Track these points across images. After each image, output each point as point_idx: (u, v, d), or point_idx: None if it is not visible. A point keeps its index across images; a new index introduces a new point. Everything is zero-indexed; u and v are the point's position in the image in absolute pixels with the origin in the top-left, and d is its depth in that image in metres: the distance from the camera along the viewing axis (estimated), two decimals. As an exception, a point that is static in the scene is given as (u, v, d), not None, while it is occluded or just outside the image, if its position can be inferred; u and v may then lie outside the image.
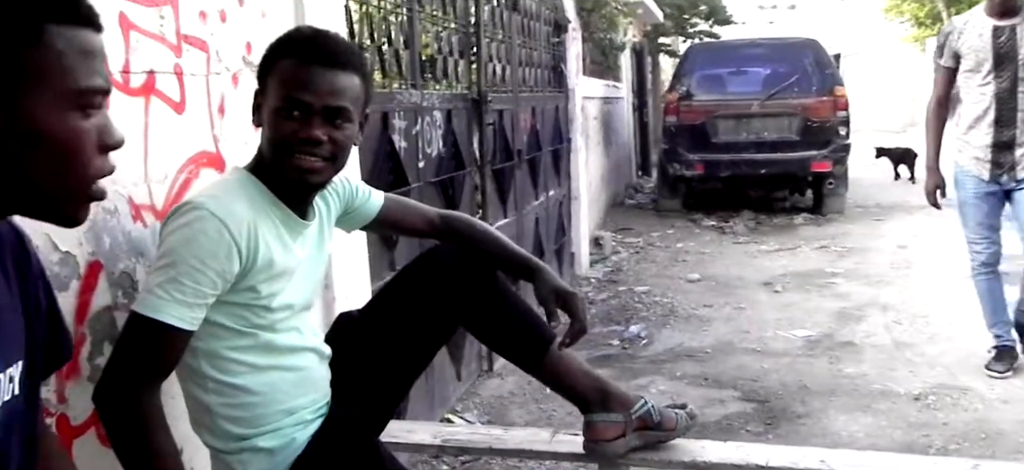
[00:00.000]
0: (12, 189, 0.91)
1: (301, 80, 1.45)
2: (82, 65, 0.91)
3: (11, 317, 1.00)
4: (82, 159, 0.92)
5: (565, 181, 6.09)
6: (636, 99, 12.18)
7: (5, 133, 0.87)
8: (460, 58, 3.91)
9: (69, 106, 0.91)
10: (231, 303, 1.47)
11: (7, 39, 0.87)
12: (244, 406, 1.52)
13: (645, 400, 1.88)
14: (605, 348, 4.62)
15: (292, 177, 1.48)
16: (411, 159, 3.21)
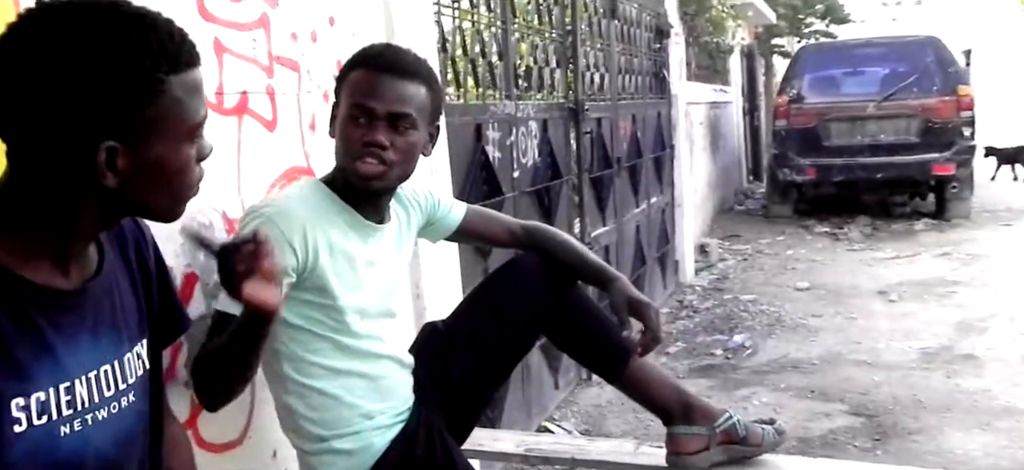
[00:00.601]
0: (129, 208, 1.05)
1: (368, 88, 1.53)
2: (194, 103, 1.02)
3: (132, 300, 1.14)
4: (189, 178, 1.05)
5: (668, 188, 6.02)
6: (747, 103, 11.89)
7: (133, 172, 0.98)
8: (557, 67, 3.93)
9: (185, 141, 1.02)
10: (307, 304, 1.54)
11: (135, 96, 0.95)
12: (322, 408, 1.58)
13: (730, 413, 1.84)
14: (707, 358, 4.53)
15: (356, 182, 1.55)
16: (505, 169, 3.24)
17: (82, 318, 1.04)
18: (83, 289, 1.04)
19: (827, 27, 16.43)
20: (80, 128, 0.94)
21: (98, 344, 1.05)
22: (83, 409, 1.02)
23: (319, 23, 1.99)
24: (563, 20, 3.98)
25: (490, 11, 3.21)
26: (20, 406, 0.95)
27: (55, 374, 0.99)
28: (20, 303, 0.96)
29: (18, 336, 0.95)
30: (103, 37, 0.93)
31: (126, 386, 1.09)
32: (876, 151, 8.23)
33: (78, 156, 0.95)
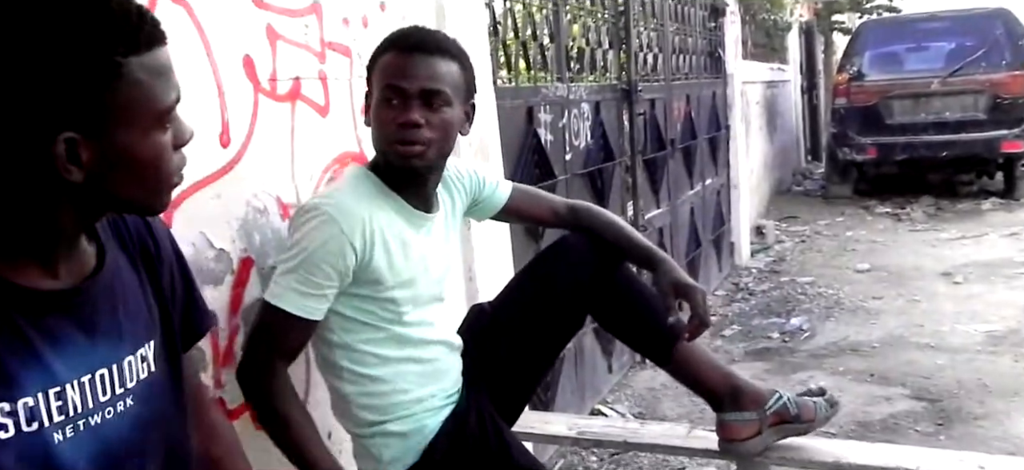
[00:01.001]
0: (100, 204, 0.98)
1: (399, 68, 1.53)
2: (161, 86, 0.94)
3: (139, 301, 1.08)
4: (165, 167, 0.98)
5: (723, 169, 5.93)
6: (805, 81, 11.63)
7: (99, 164, 0.91)
8: (609, 49, 3.89)
9: (154, 127, 0.95)
10: (359, 296, 1.55)
11: (90, 82, 0.88)
12: (376, 394, 1.60)
13: (780, 393, 1.81)
14: (764, 341, 4.47)
15: (396, 164, 1.55)
16: (557, 152, 3.23)
17: (75, 320, 0.98)
18: (76, 289, 0.99)
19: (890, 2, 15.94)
20: (33, 119, 0.87)
21: (94, 347, 1.00)
22: (76, 414, 0.97)
23: (370, 8, 2.01)
24: (615, 0, 3.94)
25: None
26: (5, 411, 0.90)
27: (44, 380, 0.94)
28: (4, 307, 0.91)
29: (3, 342, 0.91)
30: (52, 18, 0.87)
31: (124, 390, 1.03)
32: (941, 129, 7.98)
33: (36, 151, 0.88)
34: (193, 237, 1.49)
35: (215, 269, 1.55)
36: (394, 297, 1.57)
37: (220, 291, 1.56)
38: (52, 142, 0.88)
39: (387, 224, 1.56)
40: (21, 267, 0.94)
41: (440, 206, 1.69)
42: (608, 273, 1.82)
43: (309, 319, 1.49)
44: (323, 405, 1.79)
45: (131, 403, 1.04)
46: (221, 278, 1.57)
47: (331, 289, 1.50)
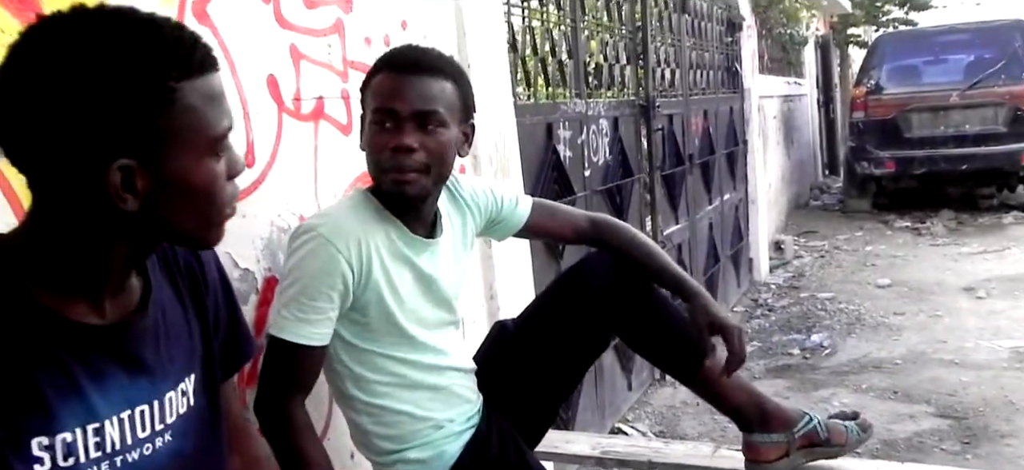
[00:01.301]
0: (154, 235, 0.96)
1: (391, 90, 1.46)
2: (213, 112, 0.93)
3: (182, 335, 1.07)
4: (219, 197, 0.96)
5: (741, 184, 5.91)
6: (821, 95, 11.59)
7: (152, 191, 0.90)
8: (627, 65, 3.89)
9: (207, 154, 0.93)
10: (363, 324, 1.51)
11: (144, 107, 0.87)
12: (392, 424, 1.57)
13: (809, 416, 1.78)
14: (784, 357, 4.43)
15: (390, 191, 1.49)
16: (576, 168, 3.22)
17: (118, 357, 0.97)
18: (121, 324, 0.98)
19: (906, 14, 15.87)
20: (89, 146, 0.86)
21: (135, 383, 0.99)
22: (114, 451, 0.96)
23: (392, 27, 2.01)
24: (633, 16, 3.94)
25: (559, 9, 3.20)
26: (43, 445, 0.90)
27: (84, 415, 0.93)
28: (49, 340, 0.91)
29: (45, 374, 0.90)
30: (106, 45, 0.86)
31: (163, 426, 1.02)
32: (961, 142, 7.93)
33: (91, 178, 0.87)
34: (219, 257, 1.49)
35: (240, 289, 1.54)
36: (400, 323, 1.53)
37: (245, 311, 1.55)
38: (106, 170, 0.87)
39: (386, 246, 1.51)
40: (68, 299, 0.93)
41: (445, 229, 1.63)
42: (633, 291, 1.78)
43: (316, 346, 1.45)
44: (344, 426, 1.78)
45: (169, 439, 1.03)
46: (246, 298, 1.56)
47: (333, 311, 1.46)
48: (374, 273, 1.48)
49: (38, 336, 0.90)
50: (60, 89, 0.84)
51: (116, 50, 0.86)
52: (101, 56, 0.85)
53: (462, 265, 1.69)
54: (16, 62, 0.86)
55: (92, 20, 0.88)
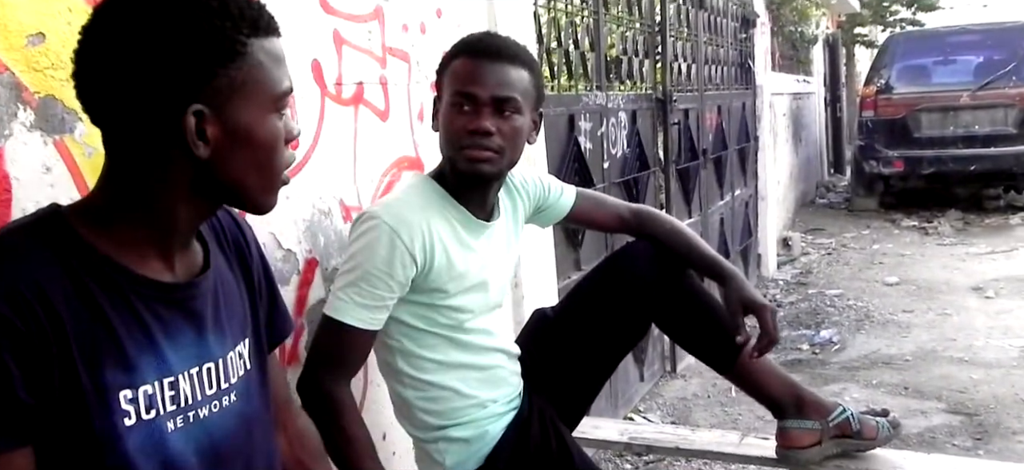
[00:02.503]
0: (217, 190, 1.01)
1: (470, 74, 1.52)
2: (277, 71, 1.00)
3: (235, 300, 1.12)
4: (278, 156, 1.02)
5: (751, 180, 5.92)
6: (829, 93, 11.60)
7: (221, 140, 0.96)
8: (645, 58, 3.91)
9: (270, 109, 1.00)
10: (419, 303, 1.55)
11: (216, 57, 0.94)
12: (437, 400, 1.60)
13: (843, 407, 1.81)
14: (794, 353, 4.45)
15: (464, 170, 1.53)
16: (596, 160, 3.24)
17: (187, 314, 1.03)
18: (189, 284, 1.04)
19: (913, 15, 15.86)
20: (166, 92, 0.92)
21: (202, 341, 1.04)
22: (186, 406, 1.01)
23: (428, 15, 2.03)
24: (652, 10, 3.96)
25: (583, 2, 3.21)
26: (128, 398, 0.94)
27: (160, 368, 0.98)
28: (127, 295, 0.96)
29: (125, 329, 0.95)
30: (183, 3, 0.93)
31: (228, 385, 1.07)
32: (970, 142, 7.94)
33: (166, 124, 0.93)
34: (263, 238, 1.51)
35: (282, 269, 1.57)
36: (455, 304, 1.57)
37: (286, 291, 1.58)
38: (183, 114, 0.93)
39: (447, 232, 1.55)
40: (142, 257, 0.98)
41: (502, 213, 1.68)
42: (672, 280, 1.81)
43: (371, 330, 1.49)
44: (378, 405, 1.81)
45: (234, 399, 1.07)
46: (288, 278, 1.59)
47: (391, 299, 1.49)
48: (436, 259, 1.51)
49: (115, 291, 0.95)
50: (143, 40, 0.91)
51: (191, 5, 0.93)
52: (181, 11, 0.93)
53: (513, 250, 1.73)
54: (103, 15, 0.94)
55: None
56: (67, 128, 1.14)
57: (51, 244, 0.92)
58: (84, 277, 0.93)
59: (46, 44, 1.11)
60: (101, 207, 0.98)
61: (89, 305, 0.92)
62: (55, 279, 0.90)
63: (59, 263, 0.92)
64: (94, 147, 1.18)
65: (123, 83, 0.93)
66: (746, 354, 1.76)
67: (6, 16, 1.06)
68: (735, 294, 1.74)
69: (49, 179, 1.12)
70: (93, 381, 0.92)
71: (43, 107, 1.11)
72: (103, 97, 0.95)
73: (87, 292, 0.92)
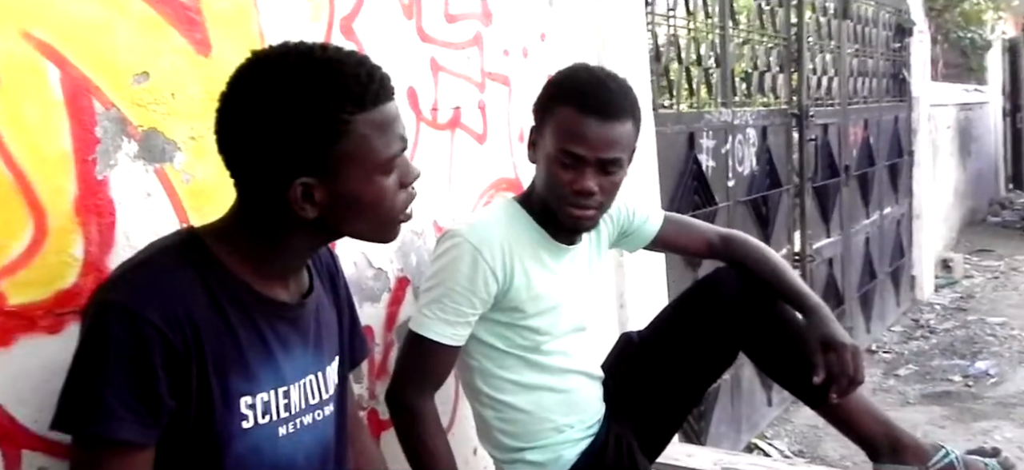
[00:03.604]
0: (334, 234, 1.14)
1: (577, 133, 1.48)
2: (383, 140, 1.06)
3: (329, 321, 1.23)
4: (389, 205, 1.10)
5: (904, 197, 5.59)
6: (1008, 103, 10.73)
7: (329, 203, 1.06)
8: (779, 72, 3.79)
9: (376, 173, 1.07)
10: (498, 323, 1.59)
11: (320, 137, 1.02)
12: (514, 421, 1.63)
13: (946, 450, 1.70)
14: (944, 383, 4.17)
15: (566, 225, 1.56)
16: (719, 178, 3.18)
17: (299, 330, 1.14)
18: (301, 304, 1.15)
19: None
20: (276, 166, 1.03)
21: (309, 356, 1.15)
22: (295, 413, 1.12)
23: (530, 39, 2.07)
24: (788, 22, 3.83)
25: (708, 17, 3.16)
26: (247, 404, 1.06)
27: (276, 378, 1.09)
28: (251, 312, 1.08)
29: (248, 342, 1.06)
30: (293, 83, 1.01)
31: (327, 396, 1.18)
32: None
33: (278, 190, 1.04)
34: (355, 257, 1.60)
35: (373, 287, 1.65)
36: (533, 325, 1.59)
37: (377, 308, 1.67)
38: (289, 187, 1.03)
39: (528, 253, 1.57)
40: (264, 278, 1.10)
41: (583, 237, 1.69)
42: (762, 310, 1.76)
43: (454, 345, 1.53)
44: (469, 420, 1.86)
45: (330, 410, 1.19)
46: (378, 296, 1.67)
47: (473, 315, 1.54)
48: (516, 279, 1.55)
49: (242, 307, 1.07)
50: (256, 117, 1.02)
51: (300, 88, 1.02)
52: (288, 93, 1.02)
53: (595, 273, 1.74)
54: (231, 90, 1.05)
55: (286, 60, 1.04)
56: (167, 157, 1.26)
57: (195, 265, 1.05)
58: (219, 295, 1.05)
59: (150, 82, 1.23)
60: (231, 231, 1.09)
61: (222, 319, 1.04)
62: (199, 299, 1.03)
63: (201, 283, 1.04)
64: (191, 174, 1.29)
65: (241, 150, 1.05)
66: (828, 395, 1.68)
67: (115, 58, 1.19)
68: (816, 330, 1.66)
69: (149, 204, 1.24)
70: (221, 387, 1.03)
71: (145, 139, 1.23)
72: (228, 156, 1.07)
73: (221, 308, 1.05)
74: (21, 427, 1.10)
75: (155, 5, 1.24)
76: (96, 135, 1.16)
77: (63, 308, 1.13)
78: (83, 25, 1.15)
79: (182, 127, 1.28)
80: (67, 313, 1.14)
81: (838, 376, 1.64)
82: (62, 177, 1.13)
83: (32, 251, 1.10)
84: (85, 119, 1.15)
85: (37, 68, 1.10)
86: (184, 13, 1.28)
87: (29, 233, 1.09)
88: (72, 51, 1.13)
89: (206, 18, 1.31)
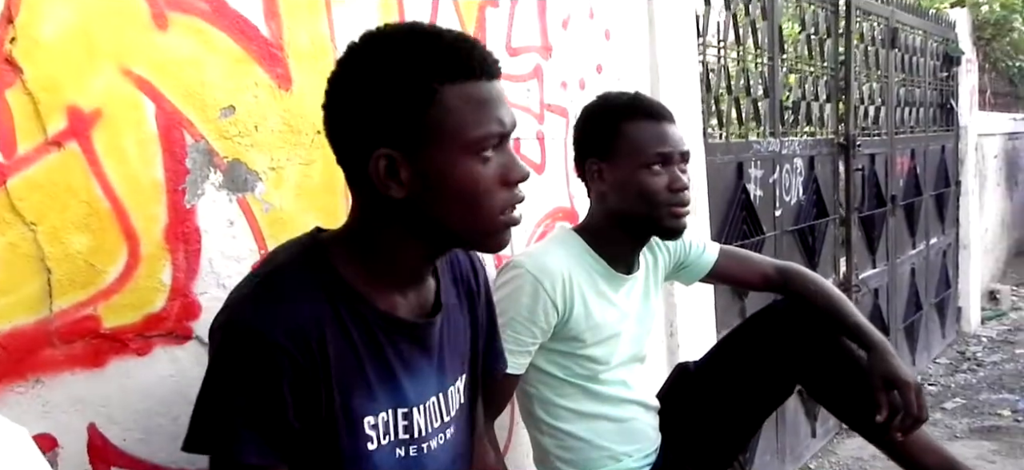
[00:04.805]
0: (430, 229, 1.04)
1: (660, 135, 1.58)
2: (474, 117, 1.00)
3: (460, 336, 1.19)
4: (483, 197, 1.01)
5: (951, 228, 5.52)
6: (1056, 131, 10.55)
7: (415, 182, 0.99)
8: (827, 102, 3.78)
9: (466, 154, 1.00)
10: (557, 352, 1.61)
11: (410, 103, 0.97)
12: (572, 449, 1.66)
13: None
14: (992, 418, 4.10)
15: (672, 226, 1.60)
16: (767, 208, 3.18)
17: (423, 349, 1.09)
18: (426, 322, 1.10)
19: None
20: (360, 136, 0.99)
21: (433, 376, 1.11)
22: (419, 437, 1.09)
23: (587, 71, 2.11)
24: (836, 52, 3.83)
25: (757, 47, 3.18)
26: (371, 424, 1.04)
27: (396, 398, 1.06)
28: (373, 330, 1.03)
29: (370, 361, 1.03)
30: (389, 50, 0.99)
31: (450, 418, 1.14)
32: None
33: (364, 166, 0.99)
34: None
35: (436, 314, 1.69)
36: (592, 354, 1.62)
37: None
38: (369, 158, 0.99)
39: (587, 283, 1.60)
40: (382, 292, 1.06)
41: (641, 267, 1.72)
42: (819, 341, 1.78)
43: (514, 374, 1.56)
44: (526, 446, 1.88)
45: (452, 432, 1.16)
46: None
47: (533, 345, 1.56)
48: (575, 309, 1.57)
49: (364, 325, 1.03)
50: (346, 84, 1.00)
51: (394, 56, 0.99)
52: (382, 61, 0.99)
53: (651, 304, 1.76)
54: (336, 67, 1.04)
55: (387, 34, 1.03)
56: (249, 187, 1.31)
57: (320, 282, 1.01)
58: (343, 313, 1.02)
59: (235, 115, 1.28)
60: (348, 237, 1.06)
61: (346, 338, 1.02)
62: (326, 317, 1.00)
63: (327, 301, 1.00)
64: (270, 203, 1.34)
65: (334, 124, 1.03)
66: (891, 432, 1.68)
67: (204, 93, 1.24)
68: (879, 366, 1.67)
69: (232, 231, 1.29)
70: (344, 408, 1.02)
71: (230, 170, 1.28)
72: (331, 141, 1.04)
73: (345, 327, 1.02)
74: (112, 446, 1.15)
75: (242, 42, 1.29)
76: (186, 166, 1.22)
77: (151, 332, 1.18)
78: (177, 61, 1.20)
79: (263, 158, 1.33)
80: (155, 336, 1.19)
81: (903, 415, 1.65)
82: (154, 206, 1.18)
83: (125, 276, 1.15)
84: (177, 151, 1.20)
85: (135, 102, 1.16)
86: (267, 49, 1.33)
87: (124, 259, 1.15)
88: (167, 86, 1.19)
89: (288, 54, 1.36)
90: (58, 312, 1.08)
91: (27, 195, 1.04)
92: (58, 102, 1.07)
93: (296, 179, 1.37)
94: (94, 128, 1.11)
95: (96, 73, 1.11)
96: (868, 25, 4.17)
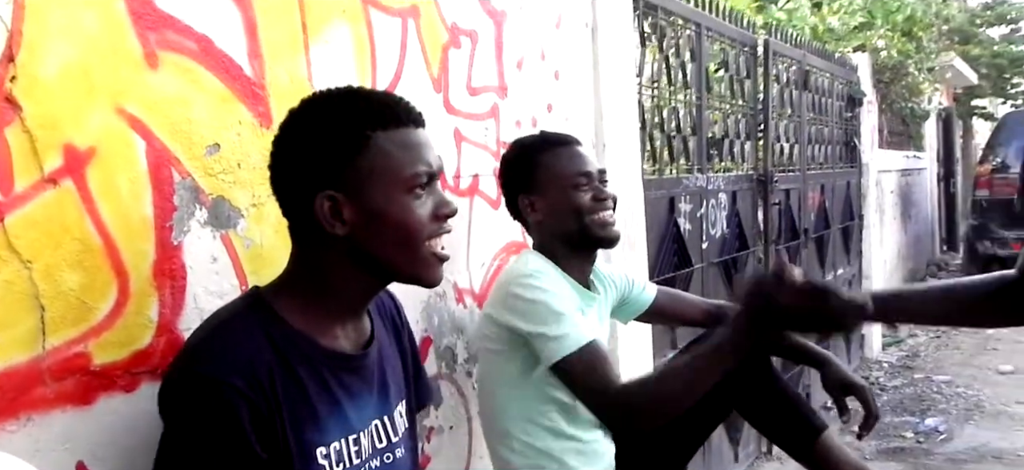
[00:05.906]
0: (371, 264, 1.15)
1: (574, 157, 1.75)
2: (405, 158, 1.13)
3: (395, 365, 1.29)
4: (415, 230, 1.13)
5: (855, 259, 5.84)
6: (942, 168, 11.26)
7: (357, 221, 1.11)
8: (747, 139, 3.98)
9: (399, 190, 1.12)
10: (537, 363, 1.66)
11: (348, 149, 1.10)
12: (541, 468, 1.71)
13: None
14: (897, 440, 4.35)
15: (601, 235, 1.73)
16: (695, 241, 3.32)
17: (363, 378, 1.19)
18: (363, 354, 1.20)
19: (1037, 87, 15.23)
20: (305, 181, 1.10)
21: (375, 401, 1.21)
22: (366, 458, 1.17)
23: (539, 110, 2.19)
24: (755, 92, 4.03)
25: (686, 88, 3.33)
26: (322, 455, 1.11)
27: (345, 427, 1.14)
28: (318, 366, 1.13)
29: (317, 395, 1.12)
30: (322, 108, 1.13)
31: (397, 439, 1.24)
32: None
33: (308, 209, 1.10)
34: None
35: (400, 346, 1.72)
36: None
37: (404, 366, 1.73)
38: (314, 199, 1.10)
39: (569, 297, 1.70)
40: (325, 331, 1.16)
41: (598, 289, 1.83)
42: (754, 368, 1.89)
43: (596, 338, 1.62)
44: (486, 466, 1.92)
45: (400, 453, 1.24)
46: (405, 355, 1.74)
47: (579, 316, 1.66)
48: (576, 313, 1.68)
49: (309, 362, 1.12)
50: (291, 141, 1.13)
51: (332, 110, 1.13)
52: (317, 115, 1.14)
53: (606, 330, 1.87)
54: (280, 132, 1.17)
55: (324, 95, 1.18)
56: (231, 224, 1.33)
57: (264, 327, 1.10)
58: (286, 351, 1.10)
59: (220, 153, 1.30)
60: (288, 283, 1.16)
61: (292, 377, 1.10)
62: (272, 359, 1.08)
63: (269, 342, 1.09)
64: (251, 239, 1.36)
65: (280, 177, 1.14)
66: (857, 435, 1.85)
67: (192, 131, 1.26)
68: (834, 377, 1.83)
69: (215, 267, 1.30)
70: (297, 442, 1.09)
71: (215, 206, 1.30)
72: (275, 190, 1.16)
73: (290, 366, 1.10)
74: (98, 483, 1.14)
75: (226, 81, 1.31)
76: (174, 203, 1.23)
77: (138, 368, 1.18)
78: (166, 100, 1.22)
79: (245, 194, 1.35)
80: (141, 373, 1.19)
81: (866, 416, 1.79)
82: (144, 242, 1.19)
83: (115, 313, 1.15)
84: (165, 188, 1.22)
85: (128, 140, 1.17)
86: (250, 88, 1.36)
87: (114, 296, 1.15)
88: (156, 124, 1.20)
89: (269, 93, 1.39)
90: (50, 350, 1.07)
91: (24, 233, 1.04)
92: (55, 140, 1.08)
93: (276, 216, 1.37)
94: (88, 165, 1.11)
95: (92, 111, 1.12)
96: (783, 67, 4.41)
